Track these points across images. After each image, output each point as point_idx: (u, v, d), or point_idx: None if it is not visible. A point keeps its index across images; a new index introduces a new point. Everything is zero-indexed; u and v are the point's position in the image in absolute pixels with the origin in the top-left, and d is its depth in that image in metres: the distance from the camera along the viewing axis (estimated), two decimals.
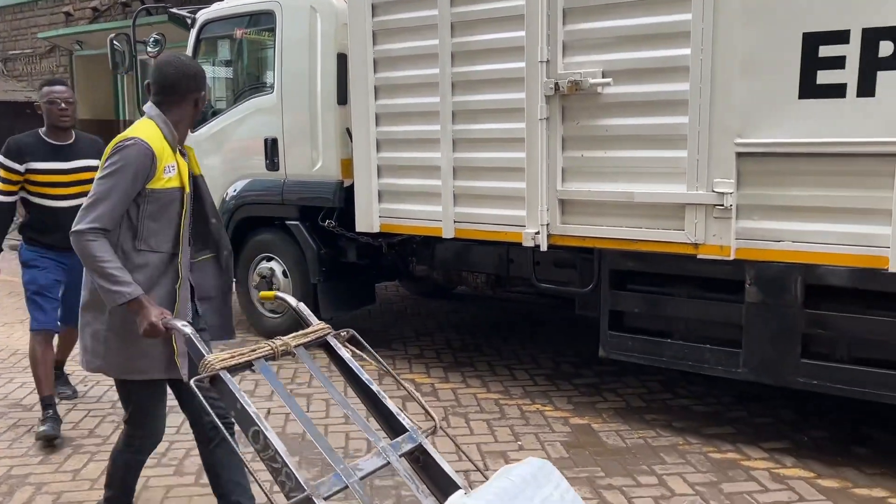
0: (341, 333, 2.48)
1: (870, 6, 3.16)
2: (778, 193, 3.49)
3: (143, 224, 2.50)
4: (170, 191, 2.53)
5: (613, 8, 3.76)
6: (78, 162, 4.01)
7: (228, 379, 2.17)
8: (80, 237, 2.42)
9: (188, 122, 2.65)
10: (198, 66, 2.68)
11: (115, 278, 2.39)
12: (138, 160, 2.44)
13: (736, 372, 3.80)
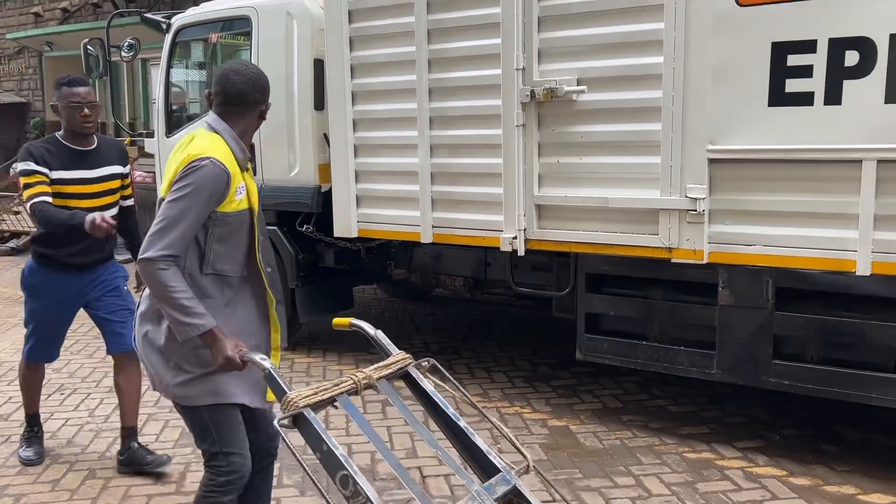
0: (422, 363, 2.33)
1: (836, 17, 3.24)
2: (749, 198, 3.57)
3: (210, 248, 2.32)
4: (241, 213, 2.35)
5: (588, 16, 3.81)
6: (104, 169, 3.60)
7: (313, 418, 2.02)
8: (150, 265, 2.21)
9: (252, 134, 2.48)
10: (264, 75, 2.47)
11: (187, 310, 2.21)
12: (213, 183, 2.24)
13: (710, 373, 3.88)
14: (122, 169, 3.71)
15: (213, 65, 6.15)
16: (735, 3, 3.43)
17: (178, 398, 2.40)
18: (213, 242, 2.32)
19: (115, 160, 3.67)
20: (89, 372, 5.36)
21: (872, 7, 3.16)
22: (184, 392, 2.37)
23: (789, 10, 3.34)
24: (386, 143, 4.69)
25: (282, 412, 2.03)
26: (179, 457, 3.92)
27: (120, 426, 3.81)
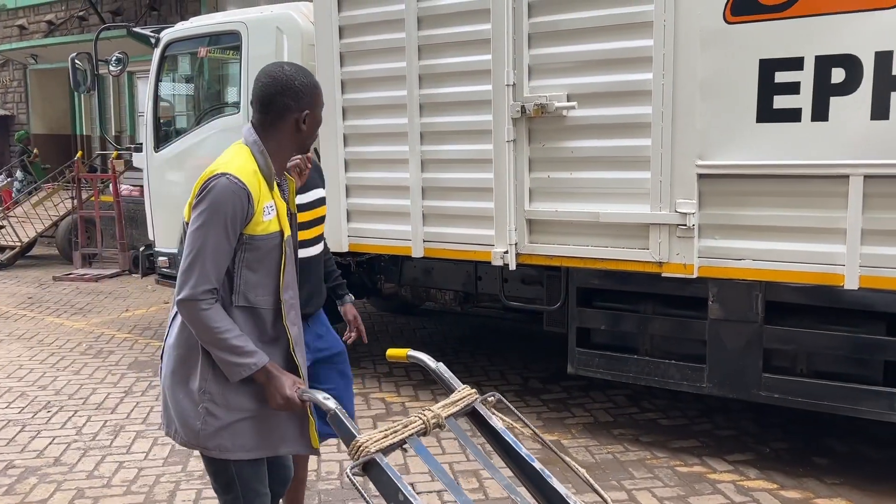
0: (488, 398, 2.16)
1: (822, 34, 3.29)
2: (738, 213, 3.60)
3: (239, 275, 2.06)
4: (270, 236, 2.08)
5: (577, 33, 3.85)
6: (312, 194, 2.88)
7: (386, 465, 1.84)
8: (191, 307, 2.00)
9: (290, 148, 2.16)
10: (303, 76, 2.13)
11: (238, 349, 2.01)
12: (231, 202, 1.99)
13: (701, 387, 3.90)
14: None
15: (203, 79, 6.15)
16: (723, 21, 3.48)
17: (207, 450, 2.12)
18: (242, 269, 2.07)
19: (318, 183, 2.99)
20: (76, 389, 5.30)
21: (857, 25, 3.21)
22: (215, 443, 2.10)
23: (776, 28, 3.38)
24: (377, 157, 4.70)
25: (352, 459, 1.84)
26: (169, 475, 3.89)
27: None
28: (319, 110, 2.16)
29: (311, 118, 2.13)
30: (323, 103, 2.19)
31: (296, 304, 2.19)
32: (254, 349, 2.04)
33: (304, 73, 2.13)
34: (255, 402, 2.11)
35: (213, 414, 2.08)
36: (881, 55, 3.18)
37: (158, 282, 6.48)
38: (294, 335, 2.17)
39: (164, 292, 8.20)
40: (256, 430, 2.13)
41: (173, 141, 6.04)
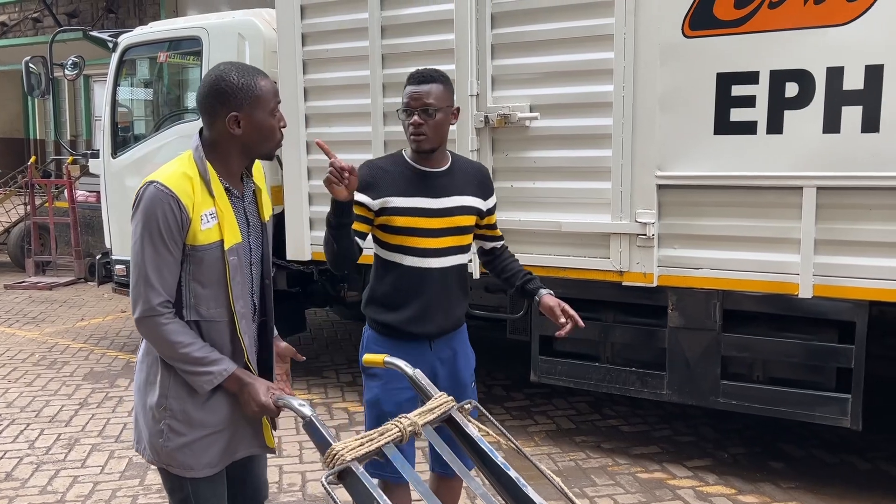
0: (465, 406, 2.13)
1: (776, 50, 3.38)
2: (696, 223, 3.67)
3: (188, 289, 2.00)
4: (211, 246, 1.99)
5: (539, 45, 3.89)
6: (448, 200, 2.57)
7: (362, 473, 1.79)
8: (147, 324, 1.95)
9: (236, 153, 2.02)
10: (238, 75, 1.97)
11: (202, 360, 1.96)
12: (160, 209, 1.91)
13: (661, 394, 3.96)
14: (476, 202, 2.64)
15: (162, 85, 6.06)
16: (682, 35, 3.55)
17: (171, 467, 2.05)
18: (189, 282, 2.00)
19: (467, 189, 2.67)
20: (28, 401, 5.17)
21: (810, 41, 3.31)
22: (178, 460, 2.04)
23: (733, 43, 3.46)
24: None
25: (326, 467, 1.78)
26: (126, 489, 3.81)
27: None
28: (261, 112, 1.98)
29: (246, 120, 1.96)
30: (269, 104, 2.00)
31: (247, 314, 2.10)
32: (220, 357, 1.99)
33: (240, 73, 1.98)
34: (218, 416, 2.05)
35: (175, 430, 2.02)
36: (832, 70, 3.28)
37: (115, 290, 6.35)
38: (247, 344, 2.08)
39: (121, 301, 8.05)
40: (219, 446, 2.07)
41: (131, 147, 5.94)
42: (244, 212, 2.10)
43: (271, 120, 2.02)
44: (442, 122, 2.48)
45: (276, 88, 2.05)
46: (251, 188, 2.15)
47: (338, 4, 4.50)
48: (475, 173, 2.67)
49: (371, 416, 2.59)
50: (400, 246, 2.53)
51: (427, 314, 2.54)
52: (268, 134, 2.03)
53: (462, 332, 2.72)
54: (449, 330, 2.63)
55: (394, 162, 2.58)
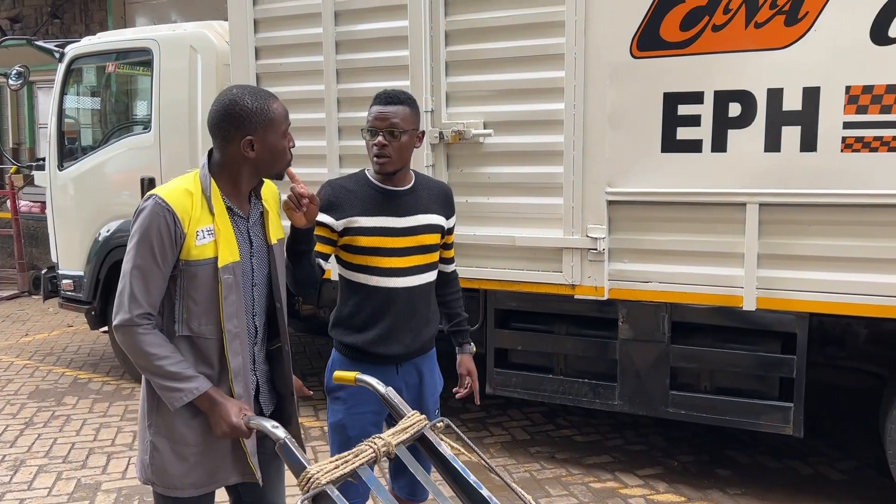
0: (437, 424, 2.13)
1: (720, 71, 3.50)
2: (645, 238, 3.77)
3: (181, 303, 2.01)
4: (204, 262, 1.99)
5: (492, 63, 3.95)
6: (413, 219, 2.57)
7: (338, 497, 1.79)
8: (124, 332, 1.96)
9: (248, 174, 2.05)
10: (251, 99, 2.01)
11: (176, 375, 1.95)
12: (156, 223, 1.94)
13: (612, 404, 4.04)
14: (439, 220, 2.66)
15: (111, 97, 5.96)
16: (630, 55, 3.65)
17: (156, 486, 2.06)
18: (183, 297, 2.01)
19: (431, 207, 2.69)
20: None
21: (752, 63, 3.44)
22: (163, 479, 2.04)
23: (678, 64, 3.57)
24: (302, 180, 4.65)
25: (301, 490, 1.77)
26: None
27: None
28: (274, 135, 2.02)
29: (260, 144, 2.00)
30: (282, 127, 2.04)
31: (241, 334, 2.07)
32: (194, 374, 1.99)
33: (253, 97, 2.02)
34: (203, 435, 2.03)
35: (158, 448, 2.03)
36: (773, 92, 3.42)
37: (62, 305, 6.18)
38: (234, 366, 2.05)
39: (67, 316, 7.84)
40: (205, 465, 2.05)
41: (79, 159, 5.82)
42: (247, 232, 2.11)
43: (283, 142, 2.06)
44: (406, 144, 2.49)
45: (286, 111, 2.09)
46: (259, 210, 2.15)
47: (292, 19, 4.50)
48: (439, 192, 2.68)
49: (336, 441, 2.59)
50: (364, 266, 2.51)
51: (393, 335, 2.53)
52: (279, 155, 2.06)
53: (431, 357, 2.72)
54: (417, 352, 2.62)
55: (357, 181, 2.58)
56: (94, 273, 5.63)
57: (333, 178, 2.69)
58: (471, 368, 2.82)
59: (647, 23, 3.60)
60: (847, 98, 3.28)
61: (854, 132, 3.28)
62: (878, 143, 3.25)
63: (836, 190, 3.33)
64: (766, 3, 3.37)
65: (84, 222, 5.74)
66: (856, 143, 3.28)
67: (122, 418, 5.07)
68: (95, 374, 6.11)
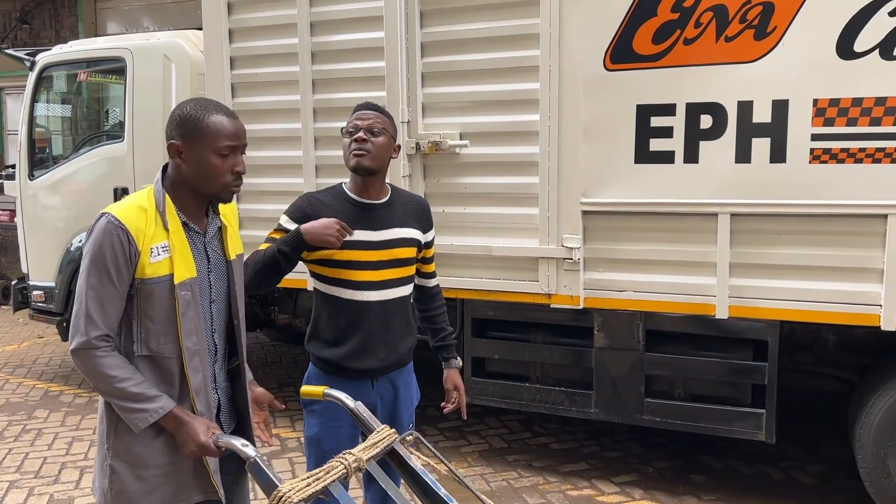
0: (406, 438, 2.12)
1: (691, 84, 3.56)
2: (620, 248, 3.82)
3: (139, 323, 1.96)
4: (160, 280, 1.94)
5: (468, 74, 3.98)
6: (387, 233, 2.57)
7: None
8: (82, 356, 1.91)
9: (187, 186, 1.99)
10: (191, 108, 1.97)
11: (138, 396, 1.91)
12: (109, 241, 1.89)
13: (589, 412, 4.08)
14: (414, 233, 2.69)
15: (83, 106, 5.90)
16: (603, 68, 3.70)
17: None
18: (140, 316, 1.96)
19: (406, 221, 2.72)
20: None
21: (722, 76, 3.50)
22: (124, 501, 1.99)
23: (651, 76, 3.63)
24: (270, 189, 4.65)
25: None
26: None
27: None
28: (203, 148, 1.94)
29: (187, 153, 1.94)
30: (216, 143, 1.95)
31: (201, 351, 2.03)
32: (157, 394, 1.94)
33: (195, 105, 1.98)
34: (165, 456, 1.99)
35: (118, 471, 1.98)
36: (743, 104, 3.48)
37: (33, 317, 6.09)
38: (194, 384, 2.01)
39: (38, 327, 7.72)
40: (167, 486, 2.01)
41: (50, 168, 5.75)
42: (204, 248, 2.07)
43: (214, 159, 1.96)
44: (385, 144, 2.50)
45: (232, 131, 1.99)
46: (217, 225, 2.11)
47: (267, 29, 4.49)
48: (415, 206, 2.69)
49: (312, 455, 2.59)
50: (339, 279, 2.52)
51: (368, 349, 2.53)
52: (209, 172, 1.97)
53: (407, 371, 2.72)
54: (393, 366, 2.61)
55: (333, 195, 2.58)
56: (66, 284, 5.57)
57: (310, 191, 2.70)
58: (458, 383, 2.83)
59: (619, 36, 3.65)
60: (815, 111, 3.35)
61: (822, 144, 3.36)
62: (844, 155, 3.33)
63: (804, 200, 3.41)
64: (735, 18, 3.44)
65: (55, 233, 5.68)
66: (823, 155, 3.36)
67: (94, 432, 4.99)
68: (67, 386, 6.02)
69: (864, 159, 3.30)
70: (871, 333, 3.67)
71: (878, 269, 3.33)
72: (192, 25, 10.81)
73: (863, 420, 3.58)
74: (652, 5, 3.56)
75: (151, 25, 11.85)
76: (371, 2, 4.13)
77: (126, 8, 12.08)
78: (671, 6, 3.53)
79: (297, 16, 4.33)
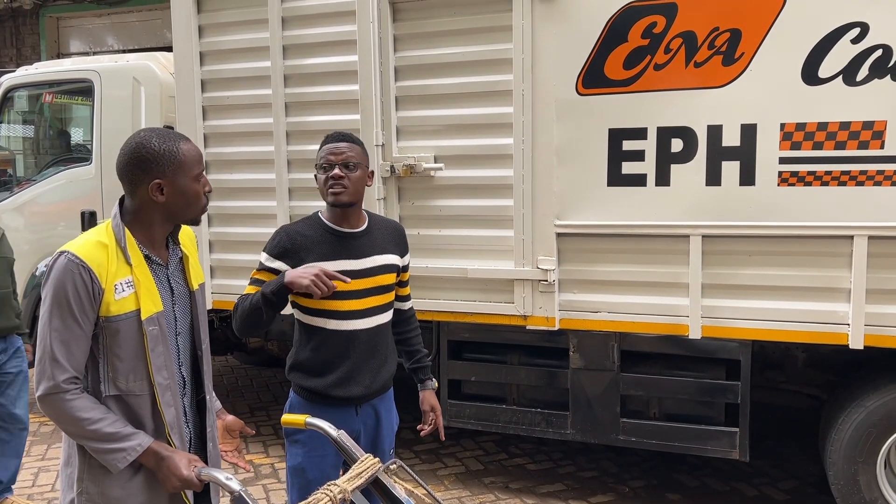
0: (390, 466, 2.11)
1: (662, 108, 3.63)
2: (594, 269, 3.85)
3: (105, 362, 1.92)
4: (126, 316, 1.92)
5: (442, 98, 4.00)
6: (369, 260, 2.58)
7: None
8: (51, 402, 1.86)
9: (160, 220, 1.98)
10: (158, 141, 1.93)
11: (113, 436, 1.87)
12: (70, 280, 1.85)
13: (565, 433, 4.09)
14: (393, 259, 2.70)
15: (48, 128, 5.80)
16: (576, 92, 3.75)
17: None
18: (107, 354, 1.92)
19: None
20: None
21: (692, 101, 3.57)
22: None
23: (622, 101, 3.69)
24: (241, 212, 4.61)
25: None
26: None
27: None
28: (184, 177, 1.95)
29: (170, 187, 1.94)
30: (193, 170, 1.97)
31: (172, 385, 2.01)
32: (133, 431, 1.90)
33: (161, 139, 1.94)
34: (143, 495, 1.95)
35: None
36: (712, 128, 3.56)
37: None
38: (169, 419, 1.99)
39: None
40: None
41: (14, 192, 5.64)
42: (167, 280, 2.05)
43: (195, 185, 1.99)
44: (361, 177, 2.54)
45: (200, 154, 2.04)
46: (178, 255, 2.10)
47: (239, 52, 4.47)
48: (392, 232, 2.72)
49: (296, 484, 2.57)
50: (322, 310, 2.51)
51: (354, 377, 2.54)
52: (192, 199, 2.00)
53: (388, 397, 2.73)
54: (376, 392, 2.63)
55: (311, 226, 2.57)
56: (31, 309, 5.44)
57: (287, 224, 2.68)
58: (434, 405, 2.84)
59: (591, 61, 3.71)
60: (782, 135, 3.44)
61: (789, 167, 3.44)
62: (811, 178, 3.42)
63: (774, 222, 3.48)
64: (704, 44, 3.52)
65: (20, 256, 5.52)
66: (791, 178, 3.44)
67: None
68: (31, 413, 5.85)
69: (830, 182, 3.39)
70: (839, 351, 3.75)
71: (846, 288, 3.42)
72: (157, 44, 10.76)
73: (833, 437, 3.65)
74: (623, 31, 3.62)
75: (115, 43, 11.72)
76: (344, 25, 4.14)
77: (89, 26, 11.94)
78: (641, 32, 3.60)
79: (270, 39, 4.32)
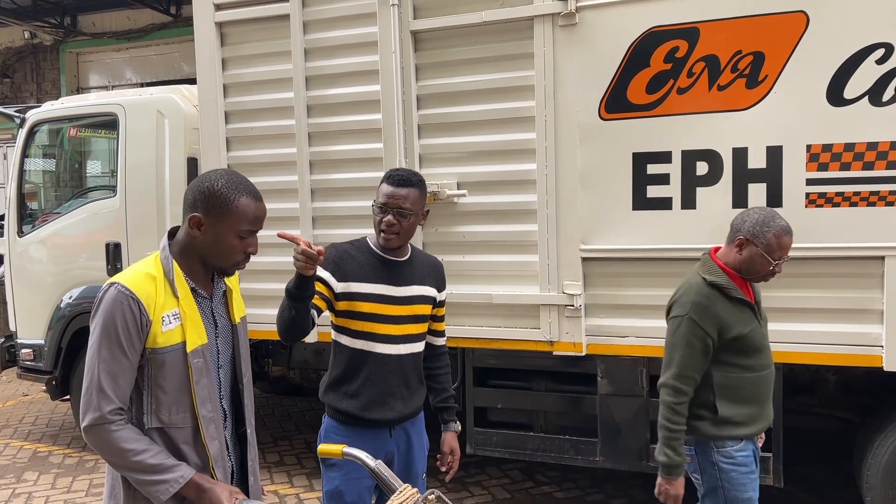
0: (429, 497, 2.08)
1: (686, 132, 3.63)
2: (620, 293, 3.83)
3: (149, 394, 1.93)
4: (173, 348, 1.93)
5: (464, 126, 4.03)
6: (408, 290, 2.66)
7: None
8: (96, 433, 1.87)
9: (197, 254, 1.99)
10: (212, 181, 1.95)
11: (157, 467, 1.87)
12: (119, 311, 1.87)
13: (594, 460, 4.04)
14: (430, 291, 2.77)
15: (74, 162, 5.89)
16: (598, 117, 3.76)
17: None
18: (151, 387, 1.93)
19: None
20: None
21: (716, 124, 3.57)
22: None
23: (646, 125, 3.69)
24: (263, 242, 4.61)
25: None
26: None
27: None
28: (226, 227, 1.94)
29: (208, 228, 1.94)
30: (239, 225, 1.94)
31: (216, 418, 2.02)
32: (176, 462, 1.91)
33: (227, 183, 1.95)
34: None
35: None
36: (738, 151, 3.55)
37: (21, 376, 5.96)
38: (213, 452, 1.99)
39: (22, 385, 7.56)
40: None
41: (40, 224, 5.70)
42: (212, 313, 2.06)
43: (233, 239, 1.97)
44: (413, 223, 2.62)
45: (257, 215, 1.99)
46: (222, 288, 2.12)
47: (262, 84, 4.53)
48: (431, 266, 2.79)
49: None
50: (361, 332, 2.59)
51: (387, 400, 2.59)
52: (225, 251, 1.99)
53: (419, 420, 2.76)
54: (408, 416, 2.67)
55: (359, 248, 2.66)
56: (56, 341, 5.47)
57: (337, 242, 2.73)
58: (454, 448, 2.84)
59: (614, 86, 3.72)
60: (808, 156, 3.43)
61: (817, 188, 3.43)
62: (839, 199, 3.39)
63: (803, 244, 3.43)
64: (727, 67, 3.52)
65: (46, 289, 5.60)
66: (819, 199, 3.42)
67: (87, 493, 4.87)
68: (56, 446, 5.88)
69: (859, 203, 3.37)
70: (871, 373, 3.69)
71: (878, 310, 3.38)
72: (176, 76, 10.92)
73: (870, 461, 3.58)
74: (645, 56, 3.64)
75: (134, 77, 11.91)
76: (367, 56, 4.19)
77: (108, 61, 12.15)
78: (664, 57, 3.61)
79: (293, 70, 4.38)
